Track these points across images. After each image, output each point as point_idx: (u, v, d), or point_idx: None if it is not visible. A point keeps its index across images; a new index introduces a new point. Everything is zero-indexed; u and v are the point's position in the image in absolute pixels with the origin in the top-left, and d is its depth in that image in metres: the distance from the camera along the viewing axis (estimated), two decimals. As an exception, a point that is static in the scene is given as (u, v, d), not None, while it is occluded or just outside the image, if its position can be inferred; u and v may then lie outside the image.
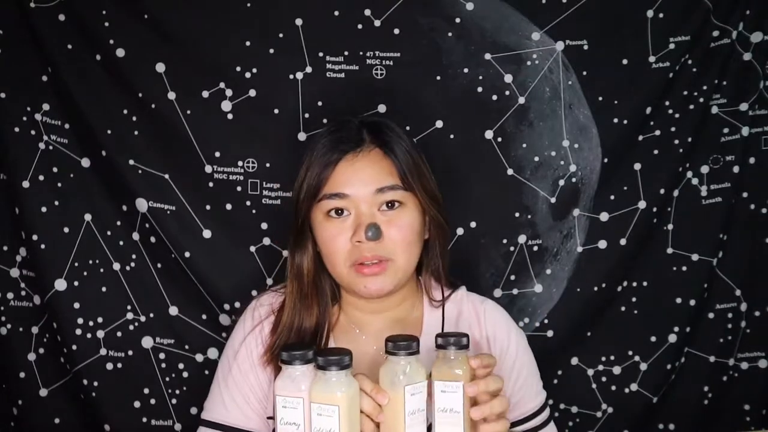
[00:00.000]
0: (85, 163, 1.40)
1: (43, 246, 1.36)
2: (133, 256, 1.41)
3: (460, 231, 1.43)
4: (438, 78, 1.41)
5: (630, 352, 1.48)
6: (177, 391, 1.42)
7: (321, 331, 1.07)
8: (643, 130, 1.45)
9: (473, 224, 1.43)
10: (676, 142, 1.44)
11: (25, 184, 1.35)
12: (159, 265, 1.42)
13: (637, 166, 1.45)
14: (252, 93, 1.39)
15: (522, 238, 1.44)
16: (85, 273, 1.39)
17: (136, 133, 1.39)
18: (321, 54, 1.39)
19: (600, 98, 1.43)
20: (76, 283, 1.38)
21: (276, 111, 1.39)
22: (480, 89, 1.42)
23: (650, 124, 1.45)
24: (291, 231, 1.09)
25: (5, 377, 1.39)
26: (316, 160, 1.04)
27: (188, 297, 1.42)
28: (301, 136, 1.40)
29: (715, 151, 1.46)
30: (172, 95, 1.38)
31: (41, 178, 1.37)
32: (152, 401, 1.42)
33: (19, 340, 1.39)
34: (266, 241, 1.41)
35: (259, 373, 1.07)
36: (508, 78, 1.42)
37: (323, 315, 1.08)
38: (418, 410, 0.88)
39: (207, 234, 1.40)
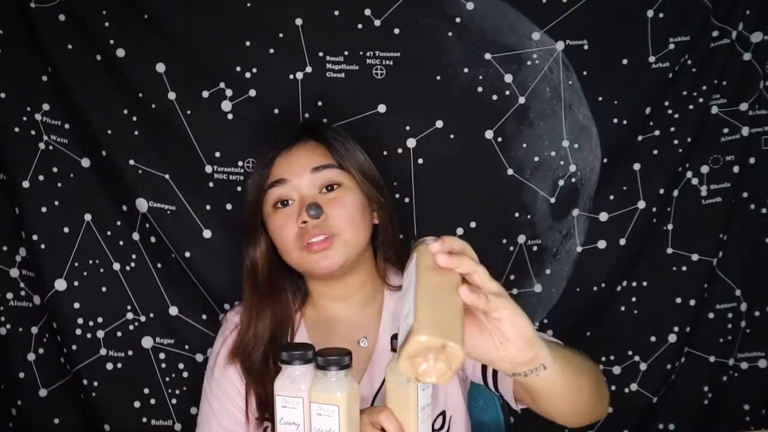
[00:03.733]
0: (85, 163, 1.40)
1: (43, 246, 1.36)
2: (133, 256, 1.41)
3: (460, 231, 1.43)
4: (438, 78, 1.41)
5: (630, 352, 1.48)
6: (177, 391, 1.42)
7: (284, 329, 1.09)
8: (642, 130, 1.45)
9: (473, 224, 1.43)
10: (676, 142, 1.44)
11: (25, 184, 1.35)
12: (159, 265, 1.42)
13: (637, 166, 1.45)
14: (252, 93, 1.39)
15: (521, 238, 1.44)
16: (85, 273, 1.39)
17: (136, 133, 1.39)
18: (321, 54, 1.39)
19: (600, 98, 1.43)
20: (76, 283, 1.38)
21: (276, 111, 1.39)
22: (480, 89, 1.42)
23: (650, 124, 1.45)
24: (243, 232, 1.12)
25: (5, 377, 1.39)
26: (260, 161, 1.11)
27: (188, 297, 1.42)
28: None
29: (715, 151, 1.45)
30: (172, 95, 1.38)
31: (41, 178, 1.37)
32: (152, 401, 1.42)
33: (19, 340, 1.39)
34: (266, 241, 1.41)
35: (234, 379, 1.09)
36: (508, 78, 1.42)
37: (283, 312, 1.10)
38: (427, 405, 0.89)
39: (207, 234, 1.40)
